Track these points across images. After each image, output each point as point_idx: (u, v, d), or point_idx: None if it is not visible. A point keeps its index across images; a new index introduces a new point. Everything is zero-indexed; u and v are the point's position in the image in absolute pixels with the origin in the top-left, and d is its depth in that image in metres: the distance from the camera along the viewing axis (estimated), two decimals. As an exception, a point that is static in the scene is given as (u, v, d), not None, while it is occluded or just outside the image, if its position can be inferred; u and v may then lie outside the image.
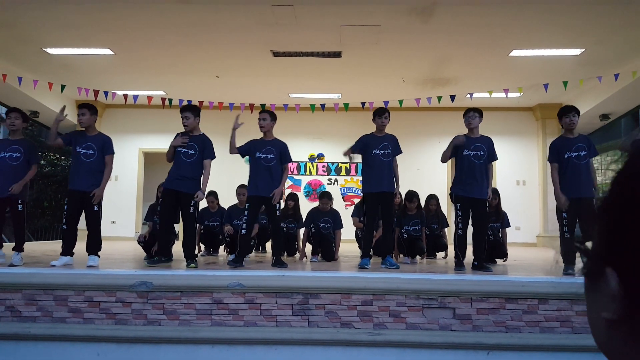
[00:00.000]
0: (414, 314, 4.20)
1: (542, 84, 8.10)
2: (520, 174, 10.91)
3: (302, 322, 4.23)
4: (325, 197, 6.24)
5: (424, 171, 10.25)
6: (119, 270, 4.64)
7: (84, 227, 5.18)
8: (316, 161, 11.08)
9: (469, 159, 5.12)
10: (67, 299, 4.29)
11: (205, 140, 5.22)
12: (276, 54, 7.64)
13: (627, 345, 0.45)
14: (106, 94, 8.58)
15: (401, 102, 8.59)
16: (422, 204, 6.44)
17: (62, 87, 8.35)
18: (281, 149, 5.36)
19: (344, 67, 8.21)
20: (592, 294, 0.49)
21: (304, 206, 7.03)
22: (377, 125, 5.40)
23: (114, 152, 5.19)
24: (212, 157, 5.26)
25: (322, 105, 8.83)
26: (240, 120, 5.39)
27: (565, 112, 5.00)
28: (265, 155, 5.23)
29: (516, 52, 7.47)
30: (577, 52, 7.41)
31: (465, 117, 5.29)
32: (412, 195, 6.13)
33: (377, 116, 5.39)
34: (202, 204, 6.71)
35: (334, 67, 8.20)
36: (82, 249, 5.21)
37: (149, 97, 9.15)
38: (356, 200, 8.72)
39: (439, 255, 6.73)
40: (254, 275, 4.38)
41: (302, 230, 6.42)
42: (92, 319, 4.27)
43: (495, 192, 6.17)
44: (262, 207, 5.43)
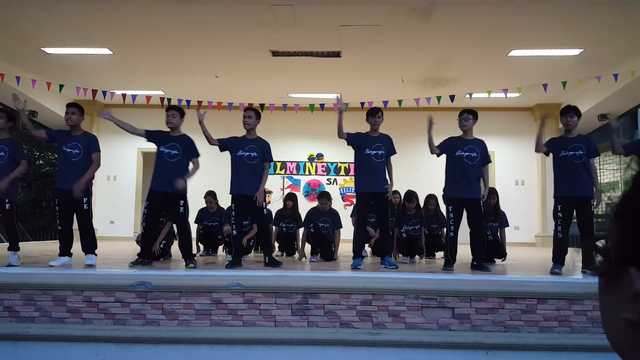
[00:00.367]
0: (413, 314, 4.20)
1: (542, 84, 8.11)
2: (519, 174, 10.92)
3: (302, 322, 4.23)
4: (324, 197, 6.24)
5: (423, 171, 10.24)
6: (118, 270, 4.63)
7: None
8: (315, 161, 11.08)
9: (461, 160, 5.12)
10: (66, 299, 4.28)
11: (187, 139, 5.19)
12: (275, 53, 7.63)
13: None
14: (105, 93, 8.57)
15: (400, 102, 8.59)
16: (422, 203, 6.44)
17: (61, 86, 8.34)
18: (264, 148, 5.30)
19: (344, 67, 8.21)
20: (609, 294, 0.48)
21: (304, 206, 7.03)
22: (371, 124, 5.39)
23: (100, 150, 5.17)
24: (197, 155, 5.23)
25: (322, 105, 8.82)
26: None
27: (564, 112, 5.02)
28: (248, 153, 5.19)
29: (515, 52, 7.48)
30: (576, 52, 7.42)
31: (459, 119, 5.30)
32: (411, 195, 6.13)
33: (370, 116, 5.39)
34: (201, 204, 6.74)
35: (334, 67, 8.20)
36: (79, 249, 5.20)
37: (148, 97, 9.15)
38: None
39: (438, 255, 6.73)
40: (253, 275, 4.37)
41: (301, 230, 6.41)
42: (91, 319, 4.26)
43: (493, 191, 6.17)
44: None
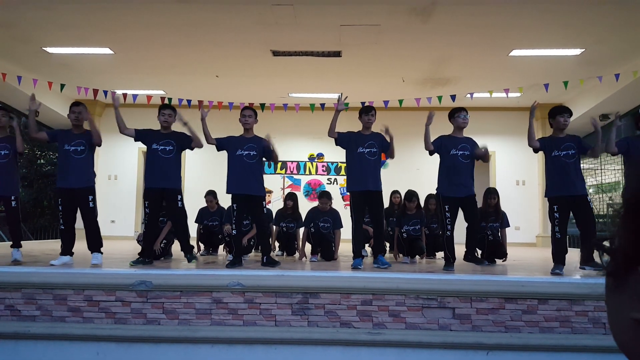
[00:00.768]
0: (414, 314, 4.20)
1: (543, 84, 8.10)
2: (520, 174, 10.91)
3: (302, 322, 4.23)
4: (324, 196, 6.24)
5: (423, 171, 10.23)
6: (119, 269, 4.63)
7: (81, 226, 5.18)
8: (316, 161, 11.08)
9: (456, 158, 5.12)
10: (67, 298, 4.29)
11: (179, 134, 5.23)
12: (276, 53, 7.63)
13: None
14: (105, 93, 8.57)
15: (401, 101, 8.58)
16: (422, 203, 6.44)
17: (62, 86, 8.34)
18: (263, 145, 5.29)
19: (344, 67, 8.21)
20: (618, 294, 0.47)
21: (304, 206, 7.03)
22: (364, 123, 5.39)
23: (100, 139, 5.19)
24: (190, 147, 5.27)
25: (322, 104, 8.82)
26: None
27: (559, 112, 4.97)
28: (247, 152, 5.18)
29: (516, 52, 7.48)
30: (577, 51, 7.41)
31: (458, 116, 5.27)
32: (411, 194, 6.13)
33: (363, 114, 5.39)
34: (202, 203, 6.74)
35: (334, 67, 8.20)
36: (82, 248, 5.21)
37: (149, 97, 9.15)
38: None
39: (439, 255, 6.73)
40: (254, 274, 4.37)
41: (301, 229, 6.41)
42: (92, 318, 4.26)
43: (494, 191, 6.17)
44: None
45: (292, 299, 4.25)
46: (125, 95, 8.89)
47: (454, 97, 8.19)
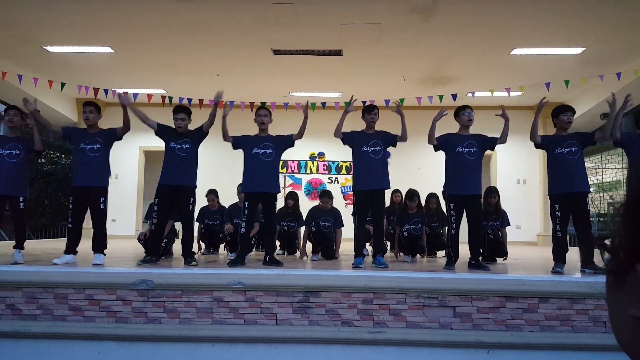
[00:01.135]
0: (414, 313, 4.20)
1: (544, 83, 8.09)
2: (520, 173, 10.91)
3: (303, 321, 4.23)
4: (325, 196, 6.24)
5: (424, 170, 10.25)
6: (120, 268, 4.63)
7: (87, 226, 5.20)
8: (317, 160, 11.08)
9: (462, 156, 5.10)
10: (68, 297, 4.29)
11: (193, 133, 5.32)
12: (277, 52, 7.63)
13: None
14: (106, 92, 8.57)
15: (402, 100, 8.57)
16: (423, 202, 6.44)
17: (62, 85, 8.34)
18: (280, 141, 5.36)
19: (345, 66, 8.20)
20: (618, 291, 0.48)
21: (305, 205, 7.03)
22: (367, 122, 5.39)
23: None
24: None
25: (323, 104, 8.81)
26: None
27: (562, 111, 4.99)
28: (264, 150, 5.21)
29: (517, 51, 7.47)
30: (578, 50, 7.40)
31: (463, 114, 5.27)
32: (412, 193, 6.13)
33: (366, 113, 5.39)
34: (203, 202, 6.74)
35: (335, 66, 8.19)
36: (85, 247, 5.21)
37: (149, 96, 9.15)
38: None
39: (439, 254, 6.73)
40: (255, 273, 4.37)
41: (302, 228, 6.42)
42: (93, 317, 4.27)
43: (494, 190, 6.17)
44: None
45: (293, 298, 4.25)
46: (126, 94, 8.90)
47: (455, 96, 8.18)
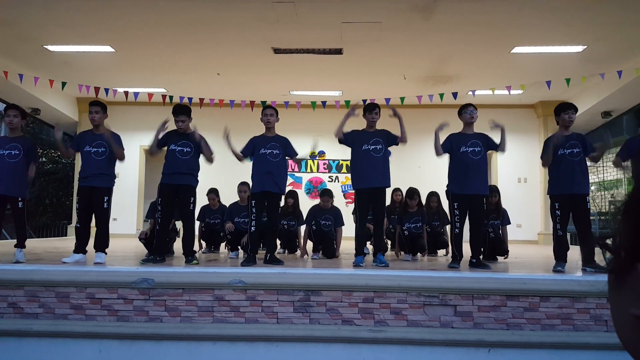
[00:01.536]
0: (415, 311, 4.21)
1: (545, 81, 8.08)
2: (521, 172, 10.90)
3: (304, 319, 4.23)
4: (326, 194, 6.25)
5: (425, 169, 10.25)
6: (121, 267, 4.64)
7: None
8: (317, 158, 11.08)
9: (466, 156, 5.10)
10: (69, 296, 4.30)
11: (194, 137, 5.25)
12: (277, 51, 7.63)
13: None
14: (107, 91, 8.58)
15: (402, 99, 8.58)
16: (423, 201, 6.44)
17: (63, 84, 8.35)
18: (285, 144, 5.34)
19: (345, 65, 8.20)
20: (619, 290, 0.48)
21: (305, 204, 7.03)
22: (368, 121, 5.37)
23: (124, 149, 5.26)
24: (211, 152, 5.31)
25: (323, 102, 8.82)
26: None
27: (564, 109, 4.97)
28: (270, 150, 5.21)
29: (518, 49, 7.46)
30: (579, 48, 7.39)
31: (465, 112, 5.25)
32: (413, 192, 6.12)
33: (367, 112, 5.37)
34: (204, 201, 6.75)
35: (335, 65, 8.19)
36: (86, 246, 5.22)
37: (150, 95, 9.16)
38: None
39: (440, 252, 6.74)
40: (256, 272, 4.38)
41: (302, 227, 6.42)
42: (94, 315, 4.27)
43: (495, 189, 6.16)
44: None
45: (293, 297, 4.26)
46: (126, 93, 8.91)
47: (455, 95, 8.19)
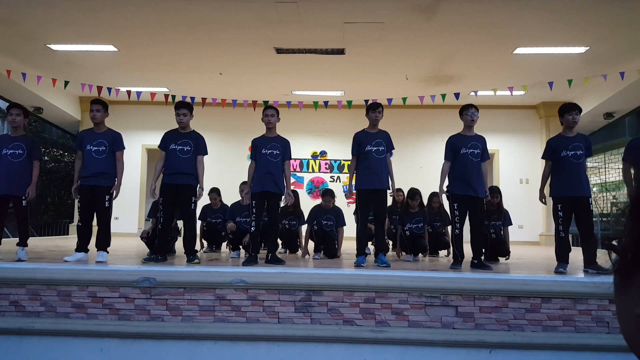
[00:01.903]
0: (417, 312, 4.20)
1: (547, 82, 8.07)
2: (523, 172, 10.89)
3: (305, 319, 4.23)
4: (328, 194, 6.25)
5: (426, 169, 10.24)
6: (123, 266, 4.65)
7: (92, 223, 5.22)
8: (319, 158, 11.09)
9: (466, 157, 5.10)
10: (71, 295, 4.31)
11: (198, 137, 5.29)
12: (279, 51, 7.63)
13: None
14: (109, 90, 8.59)
15: (405, 99, 8.58)
16: (425, 201, 6.43)
17: (66, 83, 8.37)
18: (285, 146, 5.36)
19: (347, 65, 8.20)
20: (625, 290, 0.48)
21: (307, 203, 7.04)
22: (371, 120, 5.37)
23: (124, 148, 5.24)
24: (205, 153, 5.32)
25: (325, 102, 8.82)
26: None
27: (568, 110, 4.96)
28: (270, 151, 5.23)
29: (520, 50, 7.45)
30: (581, 49, 7.38)
31: (466, 114, 5.24)
32: (414, 193, 6.12)
33: (370, 110, 5.37)
34: (205, 200, 6.75)
35: (337, 65, 8.19)
36: (88, 245, 5.23)
37: (152, 94, 9.17)
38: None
39: (442, 253, 6.73)
40: (257, 272, 4.38)
41: (303, 227, 6.42)
42: (96, 314, 4.28)
43: (496, 190, 6.16)
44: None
45: (295, 297, 4.26)
46: (129, 92, 8.92)
47: (457, 95, 8.18)
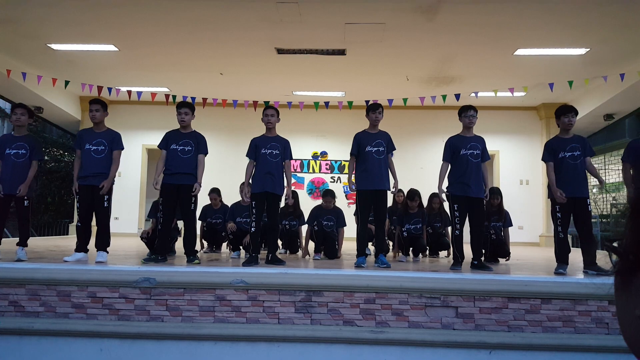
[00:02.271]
0: (417, 313, 4.20)
1: (548, 84, 8.07)
2: (523, 174, 10.89)
3: (305, 320, 4.23)
4: (328, 195, 6.25)
5: (427, 170, 10.23)
6: (123, 266, 4.64)
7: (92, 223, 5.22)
8: (319, 159, 11.08)
9: (466, 158, 5.10)
10: (71, 295, 4.31)
11: (199, 136, 5.29)
12: (280, 51, 7.63)
13: None
14: (110, 90, 8.59)
15: (405, 100, 8.58)
16: (425, 202, 6.43)
17: (66, 83, 8.37)
18: (285, 145, 5.36)
19: (348, 65, 8.20)
20: (625, 292, 0.48)
21: (307, 204, 7.03)
22: (371, 120, 5.37)
23: (123, 148, 5.22)
24: (206, 152, 5.31)
25: (326, 103, 8.82)
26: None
27: (564, 112, 4.96)
28: (270, 151, 5.23)
29: (521, 51, 7.45)
30: (582, 51, 7.38)
31: (465, 116, 5.24)
32: (413, 193, 6.12)
33: (370, 111, 5.37)
34: (205, 201, 6.76)
35: (338, 65, 8.19)
36: (88, 245, 5.22)
37: (153, 94, 9.17)
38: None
39: (442, 254, 6.73)
40: (257, 272, 4.38)
41: (304, 227, 6.42)
42: (95, 314, 4.28)
43: (497, 191, 6.15)
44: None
45: (295, 297, 4.26)
46: (129, 92, 8.92)
47: (458, 96, 8.17)
